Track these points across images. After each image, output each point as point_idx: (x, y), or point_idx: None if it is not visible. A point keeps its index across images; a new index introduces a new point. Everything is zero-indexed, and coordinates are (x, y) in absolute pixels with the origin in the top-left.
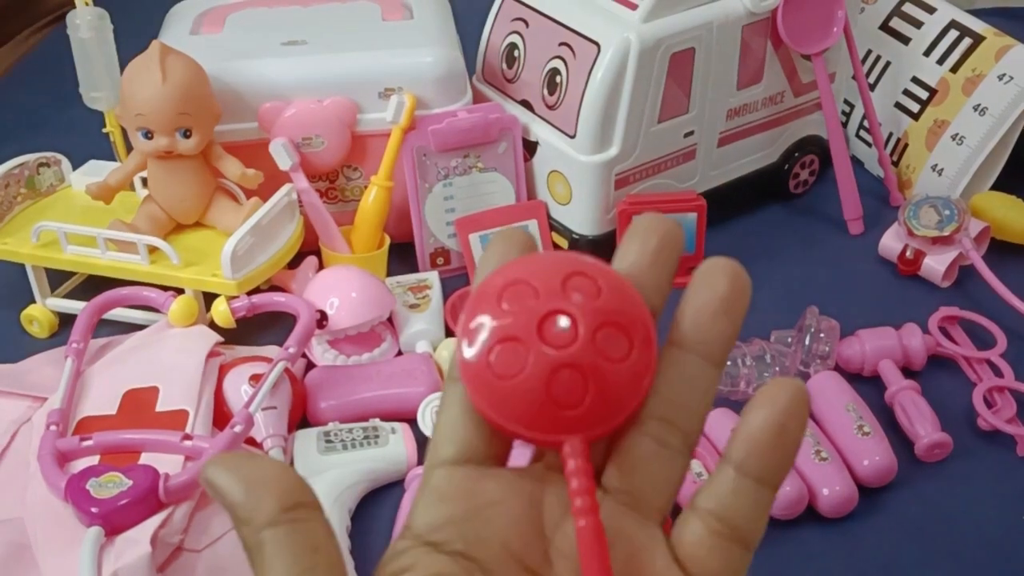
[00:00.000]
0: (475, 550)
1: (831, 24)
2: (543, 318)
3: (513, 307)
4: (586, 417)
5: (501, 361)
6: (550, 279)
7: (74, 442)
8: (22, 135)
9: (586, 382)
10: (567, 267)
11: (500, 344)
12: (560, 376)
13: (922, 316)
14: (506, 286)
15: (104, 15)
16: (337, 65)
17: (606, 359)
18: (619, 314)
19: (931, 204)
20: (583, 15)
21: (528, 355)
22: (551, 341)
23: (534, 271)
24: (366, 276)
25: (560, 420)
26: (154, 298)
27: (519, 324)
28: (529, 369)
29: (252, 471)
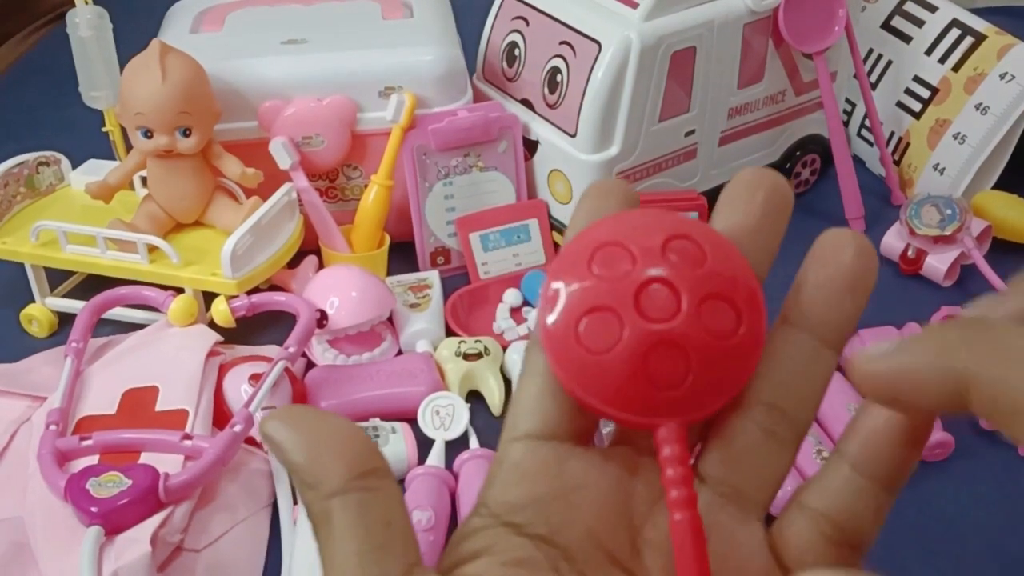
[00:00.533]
0: (559, 535)
1: (832, 23)
2: (641, 286)
3: (606, 272)
4: (686, 399)
5: (592, 333)
6: (649, 242)
7: (74, 441)
8: (21, 134)
9: (688, 360)
10: (668, 228)
11: (591, 314)
12: (658, 353)
13: (924, 315)
14: (598, 247)
15: (104, 14)
16: (337, 64)
17: (710, 335)
18: (726, 284)
19: (933, 203)
20: (584, 14)
21: (623, 328)
22: (650, 313)
23: (630, 232)
24: (366, 275)
25: (656, 401)
26: (154, 297)
27: (614, 292)
28: (624, 343)
29: (319, 429)
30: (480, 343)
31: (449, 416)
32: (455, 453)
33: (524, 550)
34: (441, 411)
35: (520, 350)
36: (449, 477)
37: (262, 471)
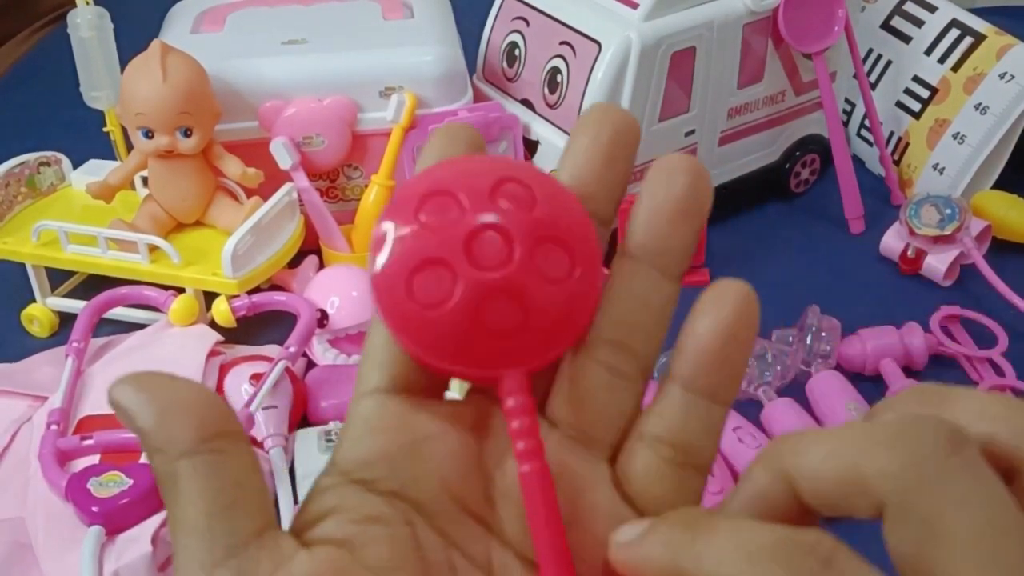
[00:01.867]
0: (411, 489)
1: (832, 23)
2: (471, 235)
3: (435, 221)
4: (525, 348)
5: (423, 287)
6: (478, 187)
7: (75, 441)
8: (22, 134)
9: (524, 308)
10: (497, 172)
11: (421, 267)
12: (493, 303)
13: (923, 315)
14: (427, 195)
15: (104, 14)
16: (337, 64)
17: (545, 280)
18: (559, 227)
19: (932, 203)
20: (584, 14)
21: (455, 280)
22: (482, 262)
23: (460, 177)
24: (367, 275)
25: (496, 352)
26: (155, 297)
27: (443, 243)
28: (457, 296)
29: (167, 393)
30: None
31: None
32: None
33: (375, 507)
34: None
35: None
36: None
37: (262, 471)
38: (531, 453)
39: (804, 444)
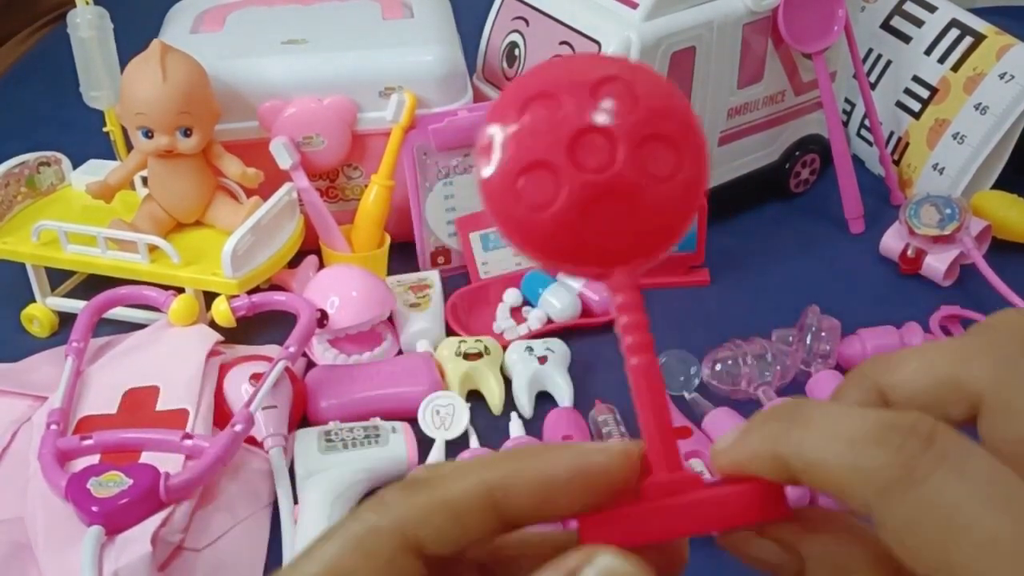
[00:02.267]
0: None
1: (832, 23)
2: (574, 137)
3: (538, 124)
4: (632, 246)
5: (530, 190)
6: (579, 87)
7: (74, 441)
8: (22, 134)
9: (631, 207)
10: (598, 71)
11: (527, 171)
12: (600, 204)
13: (923, 315)
14: (529, 99)
15: (104, 14)
16: (337, 64)
17: (651, 179)
18: (663, 124)
19: (932, 203)
20: (584, 14)
21: (560, 183)
22: (585, 164)
23: (560, 77)
24: (366, 275)
25: (603, 251)
26: (154, 297)
27: (547, 146)
28: (563, 199)
29: None
30: (480, 343)
31: (449, 416)
32: (455, 453)
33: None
34: (441, 411)
35: (520, 350)
36: None
37: (262, 471)
38: (640, 347)
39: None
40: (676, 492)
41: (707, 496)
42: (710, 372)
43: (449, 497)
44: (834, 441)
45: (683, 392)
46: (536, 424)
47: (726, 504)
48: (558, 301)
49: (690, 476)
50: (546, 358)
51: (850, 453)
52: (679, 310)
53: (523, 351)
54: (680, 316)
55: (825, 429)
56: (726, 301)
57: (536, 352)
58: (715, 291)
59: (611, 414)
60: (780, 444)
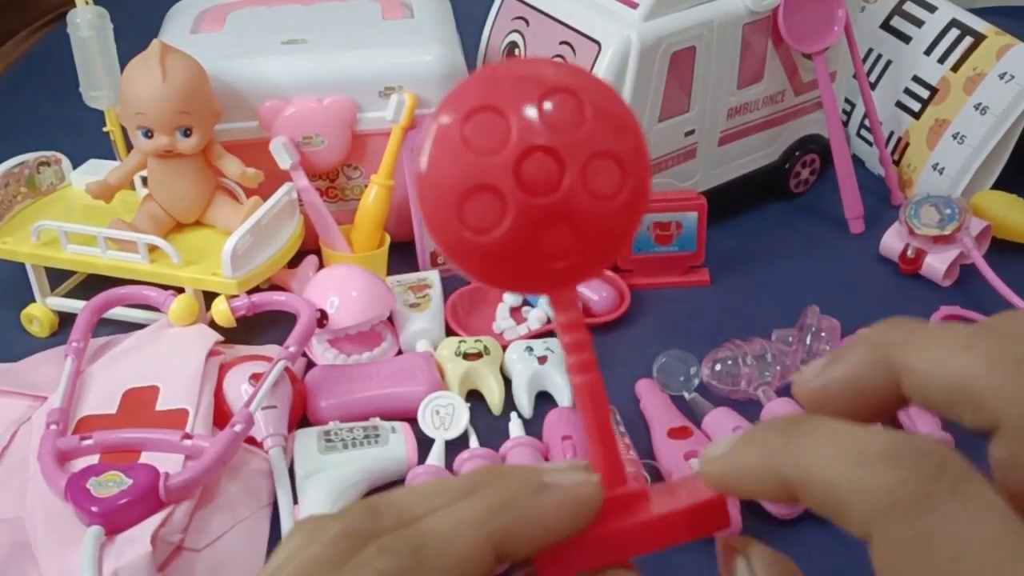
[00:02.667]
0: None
1: (832, 23)
2: (520, 158)
3: (483, 143)
4: (574, 266)
5: (475, 213)
6: (526, 102)
7: (74, 441)
8: (22, 134)
9: (575, 229)
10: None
11: (472, 194)
12: (544, 227)
13: (923, 315)
14: (473, 112)
15: (104, 14)
16: (337, 64)
17: (595, 198)
18: (609, 139)
19: (932, 203)
20: (584, 14)
21: (506, 206)
22: (532, 187)
23: (506, 90)
24: (366, 275)
25: (544, 272)
26: (154, 297)
27: (492, 168)
28: (508, 223)
29: None
30: (480, 343)
31: (449, 416)
32: (455, 453)
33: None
34: (441, 411)
35: (520, 350)
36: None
37: (262, 471)
38: (584, 365)
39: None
40: (621, 508)
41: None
42: (710, 372)
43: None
44: (839, 457)
45: (683, 392)
46: (536, 424)
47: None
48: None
49: (634, 491)
50: (546, 358)
51: (856, 471)
52: (679, 310)
53: (523, 351)
54: (680, 316)
55: (830, 444)
56: (726, 301)
57: (536, 352)
58: (715, 291)
59: (611, 414)
60: (778, 457)
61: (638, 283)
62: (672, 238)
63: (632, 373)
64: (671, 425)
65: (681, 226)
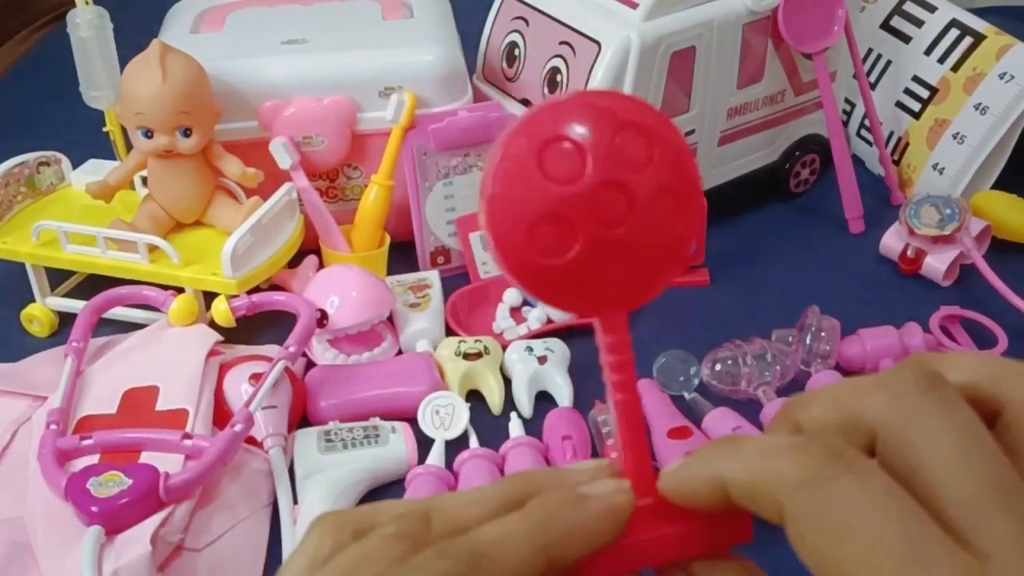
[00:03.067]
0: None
1: (832, 23)
2: (591, 190)
3: (560, 173)
4: (629, 293)
5: (544, 239)
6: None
7: (74, 441)
8: (22, 134)
9: (633, 259)
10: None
11: (543, 221)
12: (608, 256)
13: (923, 315)
14: (549, 141)
15: (104, 14)
16: (337, 64)
17: (655, 233)
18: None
19: (932, 203)
20: (584, 14)
21: (575, 235)
22: (601, 218)
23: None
24: (366, 275)
25: (601, 296)
26: (154, 297)
27: (565, 198)
28: (576, 251)
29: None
30: (480, 343)
31: (449, 416)
32: (455, 453)
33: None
34: (441, 411)
35: (520, 350)
36: (449, 477)
37: (262, 471)
38: (625, 384)
39: (807, 401)
40: (653, 516)
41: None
42: (710, 372)
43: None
44: (758, 456)
45: (683, 392)
46: (536, 424)
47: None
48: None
49: (664, 502)
50: (546, 358)
51: (770, 462)
52: (679, 310)
53: (523, 351)
54: (680, 316)
55: (754, 449)
56: (726, 301)
57: (536, 352)
58: (715, 291)
59: (611, 414)
60: (716, 467)
61: None
62: None
63: None
64: (671, 425)
65: None
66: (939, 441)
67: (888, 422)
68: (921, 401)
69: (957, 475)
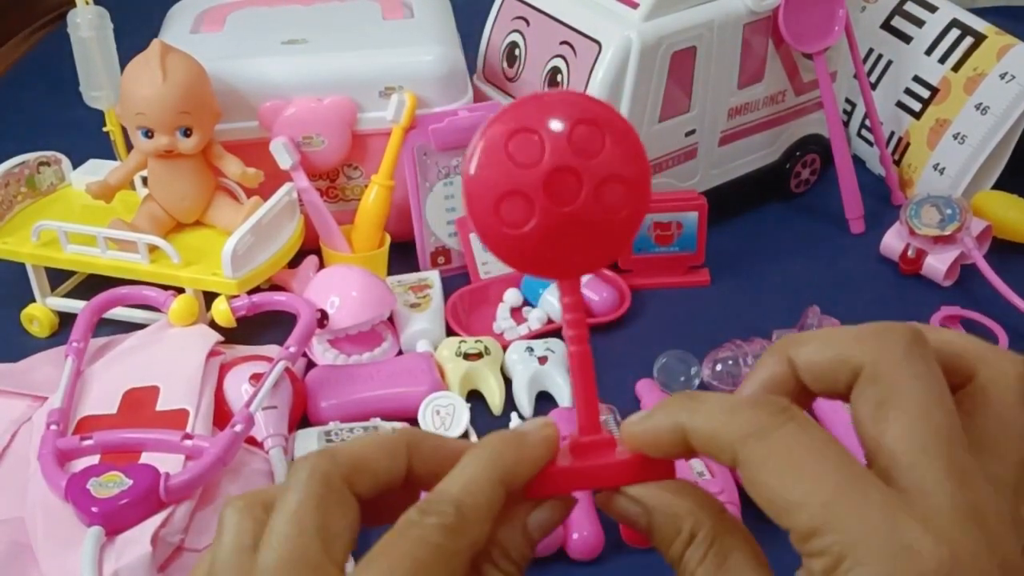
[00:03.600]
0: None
1: (832, 23)
2: (549, 174)
3: (522, 158)
4: (582, 261)
5: (509, 212)
6: (558, 129)
7: (74, 441)
8: (22, 134)
9: (585, 233)
10: (576, 114)
11: (507, 196)
12: (563, 229)
13: (924, 315)
14: (516, 131)
15: (104, 14)
16: (337, 64)
17: (603, 212)
18: (621, 166)
19: (933, 203)
20: (584, 14)
21: (533, 210)
22: (556, 197)
23: (544, 120)
24: (367, 275)
25: (559, 262)
26: (154, 297)
27: (526, 179)
28: (534, 222)
29: None
30: (480, 343)
31: (449, 416)
32: None
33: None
34: (441, 411)
35: (520, 350)
36: None
37: (262, 471)
38: (580, 338)
39: (803, 340)
40: (594, 450)
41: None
42: (710, 372)
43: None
44: (717, 409)
45: None
46: None
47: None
48: (558, 301)
49: (606, 439)
50: (546, 358)
51: (727, 415)
52: (679, 310)
53: (523, 351)
54: (680, 316)
55: (714, 404)
56: (726, 301)
57: (536, 352)
58: (715, 291)
59: (611, 414)
60: (679, 417)
61: (639, 283)
62: (672, 238)
63: (633, 373)
64: None
65: (681, 226)
66: (908, 388)
67: (874, 363)
68: (905, 353)
69: (916, 420)
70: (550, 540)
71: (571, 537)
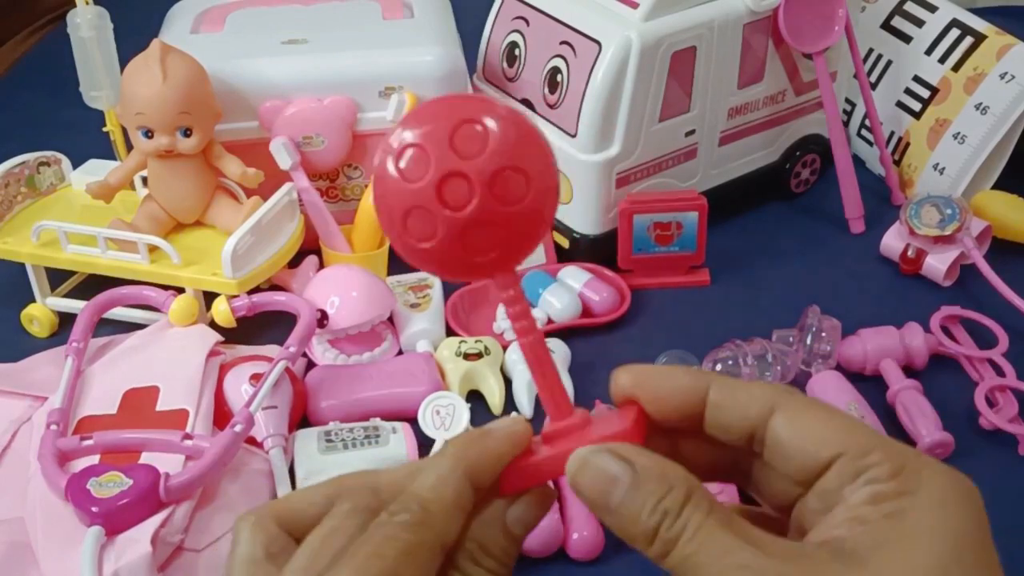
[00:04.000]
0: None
1: (832, 23)
2: (439, 184)
3: (412, 174)
4: (506, 255)
5: (415, 228)
6: (438, 137)
7: (74, 441)
8: (22, 134)
9: (494, 231)
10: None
11: (409, 214)
12: (469, 232)
13: (924, 315)
14: (402, 150)
15: (104, 14)
16: (337, 64)
17: (505, 204)
18: (511, 155)
19: (933, 203)
20: (584, 14)
21: (437, 221)
22: (452, 204)
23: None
24: (367, 275)
25: (485, 261)
26: (154, 297)
27: (421, 193)
28: (441, 234)
29: None
30: (480, 343)
31: (449, 416)
32: None
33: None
34: (441, 411)
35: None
36: None
37: (262, 471)
38: (527, 329)
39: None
40: (567, 435)
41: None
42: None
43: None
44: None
45: None
46: (536, 424)
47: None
48: (558, 301)
49: (577, 421)
50: None
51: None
52: (679, 310)
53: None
54: (680, 316)
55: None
56: (726, 301)
57: None
58: (715, 291)
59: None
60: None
61: (639, 283)
62: (672, 238)
63: None
64: None
65: (681, 226)
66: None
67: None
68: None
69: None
70: (550, 540)
71: (571, 537)
